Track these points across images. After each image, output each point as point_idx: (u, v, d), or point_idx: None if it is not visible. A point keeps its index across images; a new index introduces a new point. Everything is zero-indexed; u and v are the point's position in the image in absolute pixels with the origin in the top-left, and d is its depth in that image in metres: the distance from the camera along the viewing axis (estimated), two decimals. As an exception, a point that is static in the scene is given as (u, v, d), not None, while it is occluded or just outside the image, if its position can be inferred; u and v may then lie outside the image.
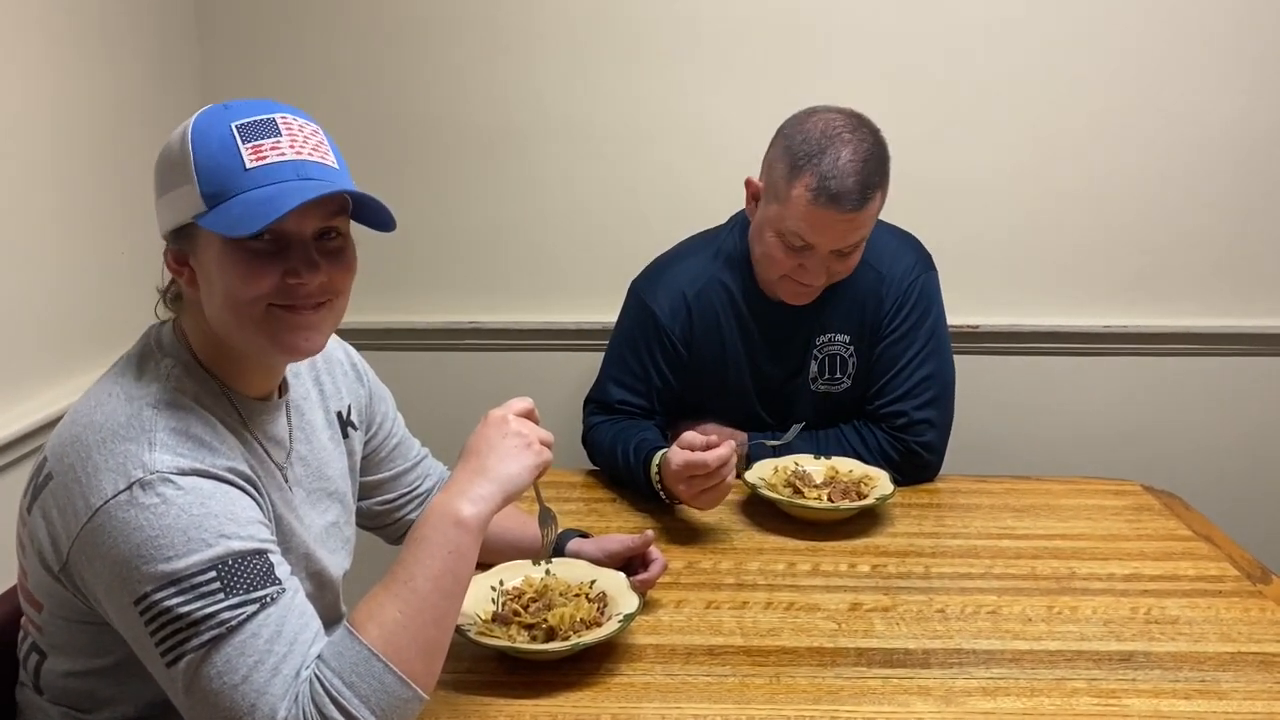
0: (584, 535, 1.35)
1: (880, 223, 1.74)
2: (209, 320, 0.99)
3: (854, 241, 1.56)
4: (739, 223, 1.75)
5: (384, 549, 1.47)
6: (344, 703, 0.87)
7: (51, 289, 1.73)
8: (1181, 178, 2.18)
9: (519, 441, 1.03)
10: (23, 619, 1.05)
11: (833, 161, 1.48)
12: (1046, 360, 2.29)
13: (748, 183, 1.65)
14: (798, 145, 1.52)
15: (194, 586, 0.87)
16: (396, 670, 0.89)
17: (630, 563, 1.30)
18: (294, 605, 0.92)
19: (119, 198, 1.89)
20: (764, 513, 1.55)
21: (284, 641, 0.89)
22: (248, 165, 0.92)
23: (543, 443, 1.05)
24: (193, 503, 0.89)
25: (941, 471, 1.72)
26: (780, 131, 1.59)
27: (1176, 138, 2.16)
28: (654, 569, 1.27)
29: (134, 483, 0.88)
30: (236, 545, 0.90)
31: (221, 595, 0.87)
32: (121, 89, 1.92)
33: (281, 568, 0.93)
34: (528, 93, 2.19)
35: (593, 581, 1.23)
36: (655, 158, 2.21)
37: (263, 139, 0.93)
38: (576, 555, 1.30)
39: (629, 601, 1.19)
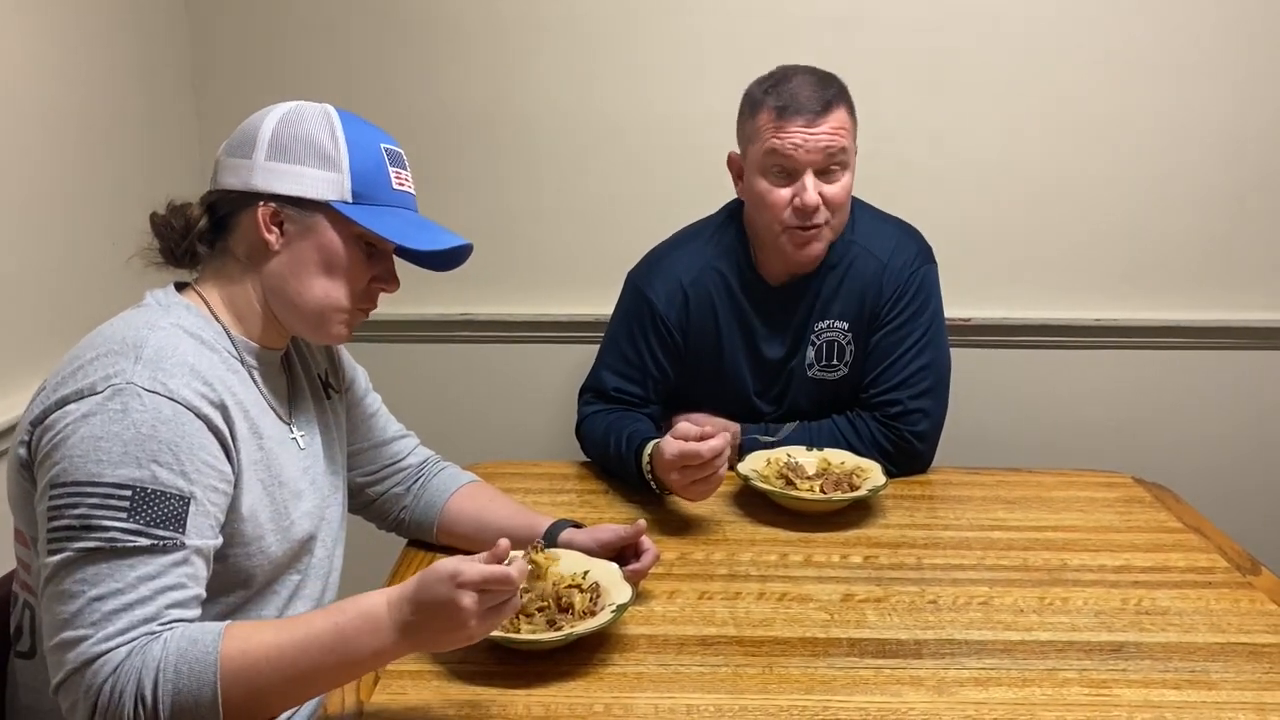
0: (577, 525, 1.35)
1: (882, 214, 1.75)
2: (267, 278, 1.09)
3: (831, 152, 1.56)
4: (733, 209, 1.75)
5: (384, 546, 1.47)
6: (159, 679, 0.88)
7: (42, 282, 1.72)
8: (1173, 172, 2.18)
9: (461, 638, 0.94)
10: (15, 578, 1.07)
11: (787, 83, 1.58)
12: (1038, 353, 2.29)
13: (729, 161, 1.69)
14: (755, 88, 1.63)
15: (106, 496, 0.91)
16: (220, 697, 0.89)
17: (623, 553, 1.29)
18: (183, 566, 0.93)
19: (110, 191, 1.88)
20: (757, 504, 1.56)
21: (151, 588, 0.91)
22: (393, 186, 1.12)
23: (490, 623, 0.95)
24: (145, 421, 0.93)
25: (933, 463, 1.72)
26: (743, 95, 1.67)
27: (1168, 133, 2.16)
28: (646, 559, 1.27)
29: (109, 386, 0.94)
30: (164, 476, 0.93)
31: (124, 516, 0.91)
32: (114, 86, 1.91)
33: (197, 525, 0.95)
34: (523, 86, 2.18)
35: (585, 572, 1.23)
36: (650, 151, 2.20)
37: (400, 168, 1.14)
38: (569, 545, 1.29)
39: (622, 592, 1.19)
